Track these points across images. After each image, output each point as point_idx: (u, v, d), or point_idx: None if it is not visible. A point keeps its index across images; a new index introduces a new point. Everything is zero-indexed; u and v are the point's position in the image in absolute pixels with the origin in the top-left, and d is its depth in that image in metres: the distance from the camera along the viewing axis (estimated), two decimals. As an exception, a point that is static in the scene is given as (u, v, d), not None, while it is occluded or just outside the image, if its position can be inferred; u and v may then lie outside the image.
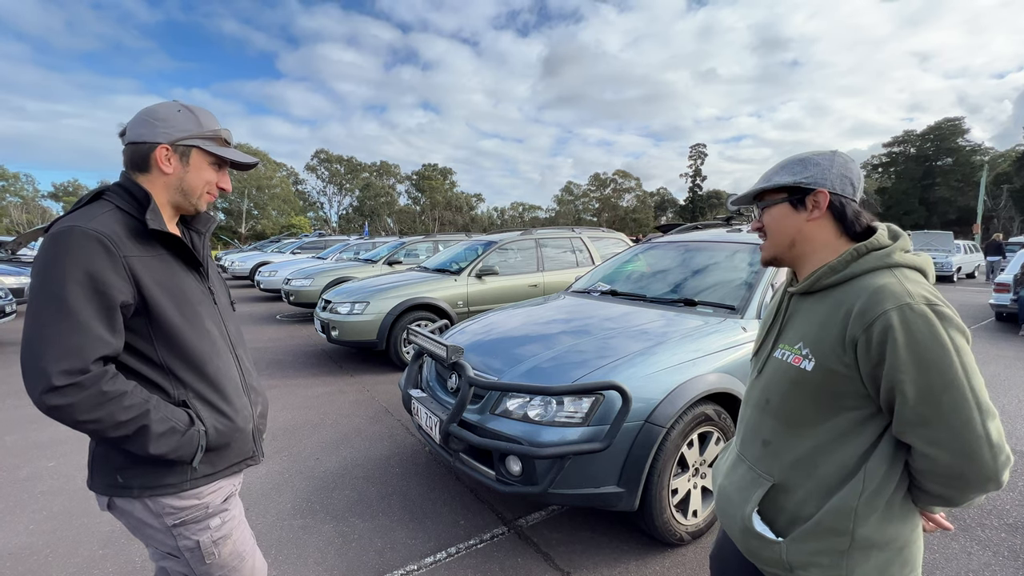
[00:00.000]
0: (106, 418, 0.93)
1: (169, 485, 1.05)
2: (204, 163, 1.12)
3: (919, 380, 0.78)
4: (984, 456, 0.77)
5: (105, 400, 0.92)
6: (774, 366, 0.98)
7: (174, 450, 1.00)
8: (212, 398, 1.09)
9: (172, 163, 1.08)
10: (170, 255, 1.08)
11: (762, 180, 1.00)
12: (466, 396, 2.12)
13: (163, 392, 1.04)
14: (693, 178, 64.10)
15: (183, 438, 1.01)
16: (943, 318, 0.79)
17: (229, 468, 1.15)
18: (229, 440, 1.12)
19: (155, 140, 1.05)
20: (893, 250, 0.89)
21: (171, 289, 1.05)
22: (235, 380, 1.16)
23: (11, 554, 2.16)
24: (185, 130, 1.08)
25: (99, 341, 0.93)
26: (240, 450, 1.17)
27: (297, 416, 3.88)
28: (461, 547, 2.20)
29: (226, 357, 1.15)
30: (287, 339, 6.90)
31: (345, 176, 60.04)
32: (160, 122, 1.06)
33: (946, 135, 45.23)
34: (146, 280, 1.00)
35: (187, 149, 1.09)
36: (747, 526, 0.96)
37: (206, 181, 1.13)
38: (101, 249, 0.94)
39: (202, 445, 1.05)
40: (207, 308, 1.14)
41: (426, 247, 9.46)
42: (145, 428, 0.96)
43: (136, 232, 1.02)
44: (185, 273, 1.11)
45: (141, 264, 1.00)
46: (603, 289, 3.37)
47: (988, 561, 2.08)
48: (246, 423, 1.16)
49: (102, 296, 0.93)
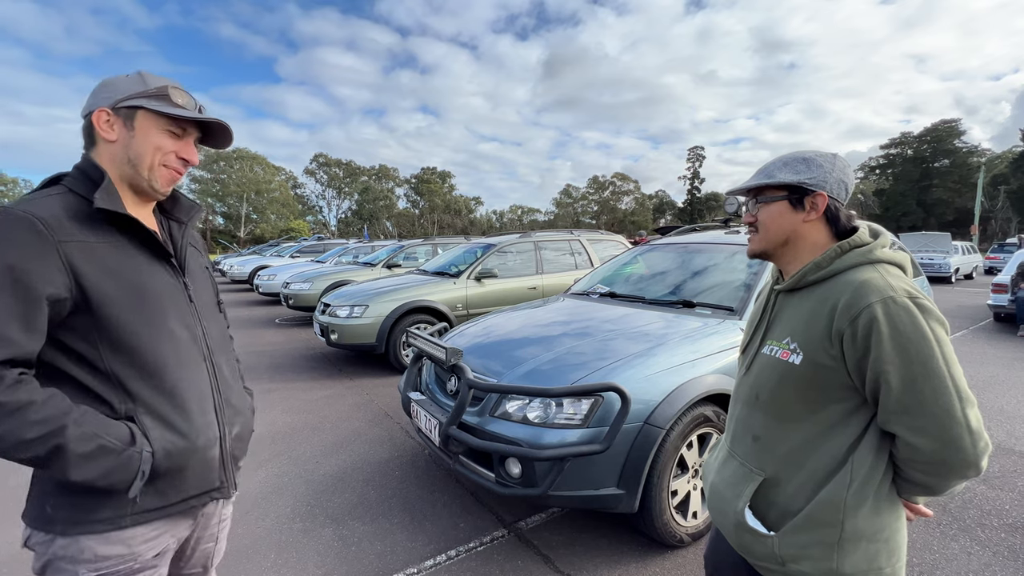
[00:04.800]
0: (5, 435, 0.76)
1: (101, 521, 0.86)
2: (153, 127, 0.95)
3: (903, 370, 0.81)
4: (964, 442, 0.80)
5: (2, 414, 0.75)
6: (762, 362, 1.00)
7: (104, 475, 0.82)
8: (167, 413, 0.91)
9: (115, 129, 0.93)
10: (130, 243, 0.93)
11: (763, 175, 1.01)
12: (465, 398, 2.12)
13: (106, 405, 0.87)
14: (691, 180, 64.38)
15: (117, 460, 0.83)
16: (924, 310, 0.83)
17: (185, 501, 0.96)
18: (183, 464, 0.93)
19: (95, 107, 0.93)
20: (875, 247, 0.93)
21: (125, 281, 0.89)
22: (203, 393, 0.98)
23: (2, 563, 2.15)
24: (126, 91, 0.93)
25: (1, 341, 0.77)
26: (200, 479, 0.97)
27: (296, 419, 3.88)
28: (461, 550, 2.20)
29: (195, 365, 0.98)
30: (286, 343, 6.89)
31: (344, 180, 60.17)
32: (104, 88, 0.95)
33: (943, 137, 45.44)
34: (88, 270, 0.85)
35: (130, 111, 0.93)
36: (739, 521, 0.98)
37: (156, 147, 0.95)
38: (29, 233, 0.81)
39: (143, 471, 0.85)
40: (176, 306, 0.97)
41: (425, 250, 9.48)
42: (60, 448, 0.78)
43: (86, 216, 0.88)
44: (150, 264, 0.95)
45: (84, 250, 0.85)
46: (602, 291, 3.37)
47: (988, 561, 2.08)
48: (209, 445, 0.96)
49: (22, 288, 0.79)
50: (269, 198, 50.77)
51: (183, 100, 0.98)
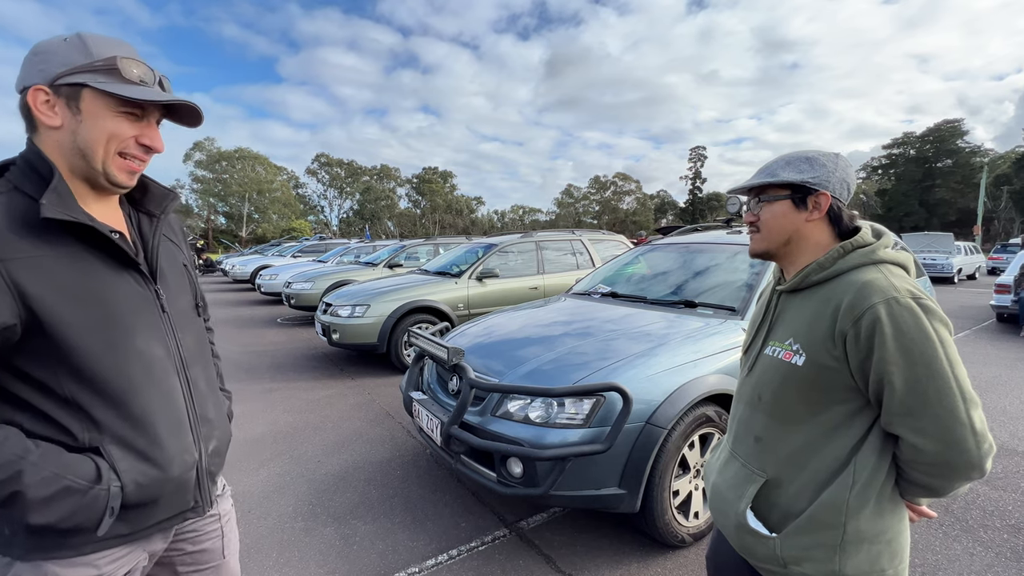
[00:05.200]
0: None
1: (63, 547, 0.78)
2: (103, 108, 0.78)
3: (906, 371, 0.80)
4: (968, 444, 0.79)
5: None
6: (765, 363, 0.99)
7: (68, 517, 0.75)
8: (137, 442, 0.81)
9: (58, 112, 0.77)
10: (90, 252, 0.80)
11: (765, 173, 1.00)
12: (467, 398, 2.12)
13: (68, 434, 0.77)
14: (693, 180, 64.31)
15: (83, 500, 0.75)
16: (927, 311, 0.82)
17: (157, 525, 0.88)
18: (156, 495, 0.84)
19: (29, 82, 0.76)
20: (877, 247, 0.92)
21: (83, 299, 0.77)
22: (175, 414, 0.88)
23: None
24: (67, 63, 0.76)
25: None
26: (173, 503, 0.89)
27: (298, 419, 3.88)
28: (462, 549, 2.20)
29: (166, 384, 0.87)
30: (288, 342, 6.90)
31: (346, 180, 60.24)
32: (37, 57, 0.77)
33: (946, 137, 45.29)
34: (37, 290, 0.73)
35: (74, 90, 0.76)
36: (741, 523, 0.97)
37: (110, 134, 0.79)
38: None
39: (112, 507, 0.78)
40: (145, 320, 0.86)
41: (427, 250, 9.49)
42: (18, 495, 0.71)
43: (33, 222, 0.75)
44: (114, 275, 0.82)
45: (32, 267, 0.73)
46: (604, 291, 3.37)
47: (991, 562, 2.07)
48: (184, 471, 0.88)
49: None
50: (271, 198, 50.84)
51: (139, 72, 0.80)
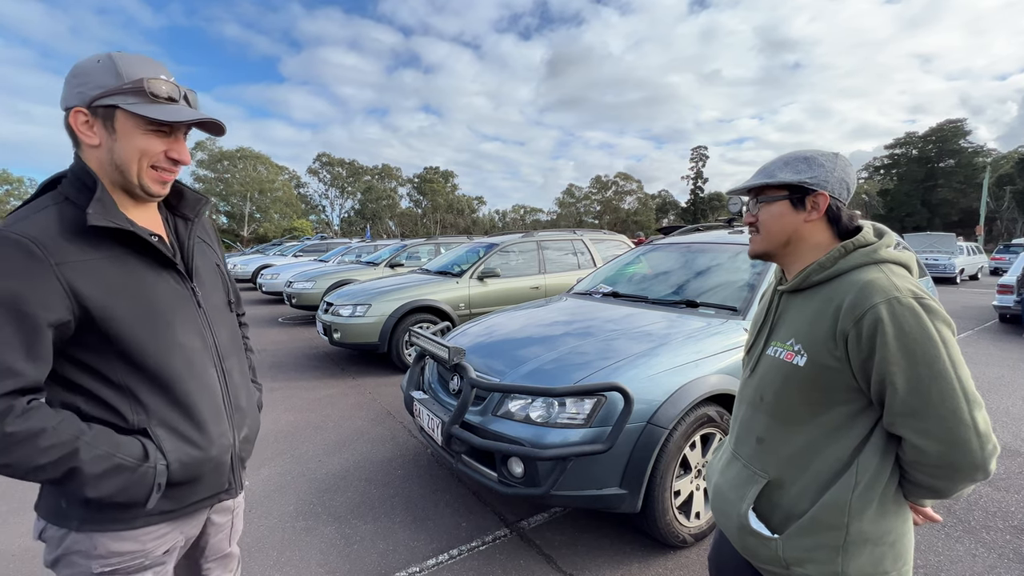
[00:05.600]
0: (17, 463, 0.76)
1: (114, 521, 0.88)
2: (134, 128, 0.86)
3: (909, 371, 0.80)
4: (972, 445, 0.79)
5: (11, 443, 0.75)
6: (767, 363, 0.99)
7: (121, 491, 0.84)
8: (180, 425, 0.91)
9: (96, 132, 0.86)
10: (132, 254, 0.89)
11: (763, 174, 1.00)
12: (468, 398, 2.12)
13: (119, 416, 0.87)
14: (695, 180, 64.14)
15: (133, 476, 0.84)
16: (929, 311, 0.82)
17: (196, 504, 0.98)
18: (198, 474, 0.94)
19: (69, 104, 0.85)
20: (879, 247, 0.92)
21: (131, 298, 0.87)
22: (214, 401, 0.98)
23: (14, 555, 2.17)
24: (101, 85, 0.83)
25: (6, 374, 0.76)
26: (212, 483, 0.99)
27: (299, 418, 3.89)
28: (463, 549, 2.20)
29: (205, 374, 0.97)
30: (289, 342, 6.91)
31: (347, 179, 60.20)
32: (76, 79, 0.85)
33: (948, 137, 45.18)
34: (90, 291, 0.82)
35: (109, 111, 0.85)
36: (743, 524, 0.97)
37: (141, 152, 0.88)
38: (23, 258, 0.77)
39: (159, 484, 0.87)
40: (185, 315, 0.95)
41: (428, 250, 9.49)
42: (75, 471, 0.79)
43: (82, 229, 0.83)
44: (154, 274, 0.92)
45: (85, 270, 0.82)
46: (605, 291, 3.37)
47: (993, 564, 2.07)
48: (222, 453, 0.98)
49: (20, 318, 0.77)
50: (272, 197, 50.84)
51: (166, 89, 0.88)
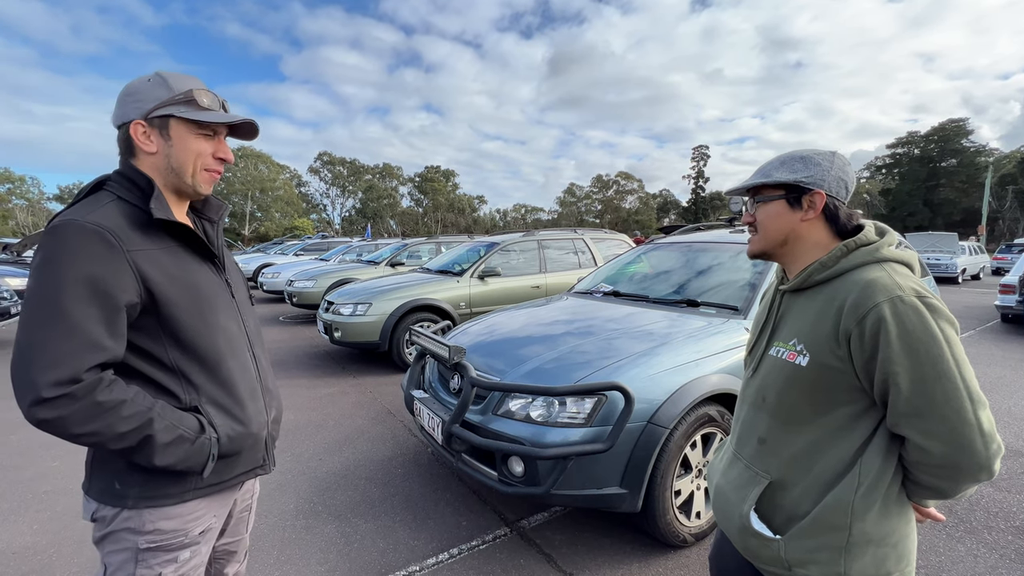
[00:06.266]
0: (104, 430, 0.84)
1: (168, 496, 0.96)
2: (187, 133, 0.98)
3: (912, 371, 0.79)
4: (976, 445, 0.78)
5: (101, 411, 0.83)
6: (769, 364, 0.98)
7: (183, 460, 0.93)
8: (226, 402, 1.00)
9: (153, 140, 0.97)
10: (181, 247, 1.00)
11: (760, 174, 1.00)
12: (468, 397, 2.11)
13: (173, 396, 0.96)
14: (696, 180, 64.05)
15: (192, 447, 0.93)
16: (933, 310, 0.81)
17: (236, 478, 1.07)
18: (241, 448, 1.03)
19: (128, 118, 0.96)
20: (881, 245, 0.91)
21: (183, 284, 0.97)
22: (251, 382, 1.07)
23: (15, 553, 2.17)
24: (156, 99, 0.96)
25: (95, 348, 0.84)
26: (250, 459, 1.08)
27: (300, 417, 3.89)
28: (463, 548, 2.20)
29: (243, 357, 1.07)
30: (290, 340, 6.91)
31: (348, 178, 60.22)
32: (130, 97, 0.96)
33: (950, 136, 45.05)
34: (154, 276, 0.92)
35: (163, 121, 0.96)
36: (745, 525, 0.96)
37: (196, 154, 1.00)
38: (103, 245, 0.86)
39: (214, 454, 0.96)
40: (223, 302, 1.05)
41: (429, 249, 9.48)
42: (149, 439, 0.88)
43: (141, 223, 0.93)
44: (199, 265, 1.03)
45: (148, 259, 0.92)
46: (606, 290, 3.37)
47: (995, 564, 2.06)
48: (260, 429, 1.07)
49: (103, 297, 0.85)
50: (273, 196, 50.86)
51: (208, 100, 1.01)
